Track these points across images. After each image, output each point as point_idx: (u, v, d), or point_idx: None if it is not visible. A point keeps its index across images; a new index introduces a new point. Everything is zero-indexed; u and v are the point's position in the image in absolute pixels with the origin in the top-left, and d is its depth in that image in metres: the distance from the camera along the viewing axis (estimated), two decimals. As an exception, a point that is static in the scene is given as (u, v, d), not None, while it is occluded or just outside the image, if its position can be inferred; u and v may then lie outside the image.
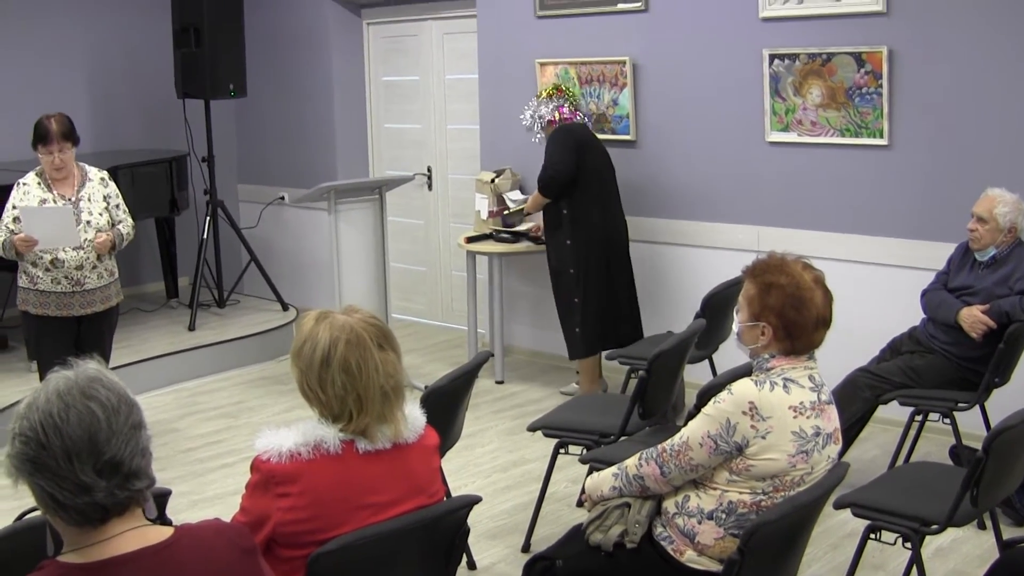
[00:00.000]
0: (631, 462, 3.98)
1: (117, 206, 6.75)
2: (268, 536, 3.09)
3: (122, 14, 10.63)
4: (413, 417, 3.36)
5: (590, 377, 8.02)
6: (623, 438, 5.50)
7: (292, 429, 3.18)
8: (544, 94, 8.11)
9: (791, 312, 3.75)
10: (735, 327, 3.96)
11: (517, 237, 8.60)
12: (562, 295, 7.99)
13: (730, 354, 4.50)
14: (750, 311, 3.85)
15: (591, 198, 7.79)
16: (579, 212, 7.80)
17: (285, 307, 10.24)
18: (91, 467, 2.25)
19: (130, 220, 6.83)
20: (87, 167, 6.73)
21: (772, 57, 7.53)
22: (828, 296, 3.83)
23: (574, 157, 7.71)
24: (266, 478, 3.12)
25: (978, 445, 4.30)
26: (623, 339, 7.75)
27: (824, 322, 3.80)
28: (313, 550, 3.11)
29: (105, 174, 6.81)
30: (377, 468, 3.22)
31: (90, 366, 2.39)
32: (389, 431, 3.23)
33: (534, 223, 8.47)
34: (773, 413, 3.64)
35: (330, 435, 3.17)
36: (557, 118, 7.96)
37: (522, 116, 8.17)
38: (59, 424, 2.25)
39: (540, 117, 8.01)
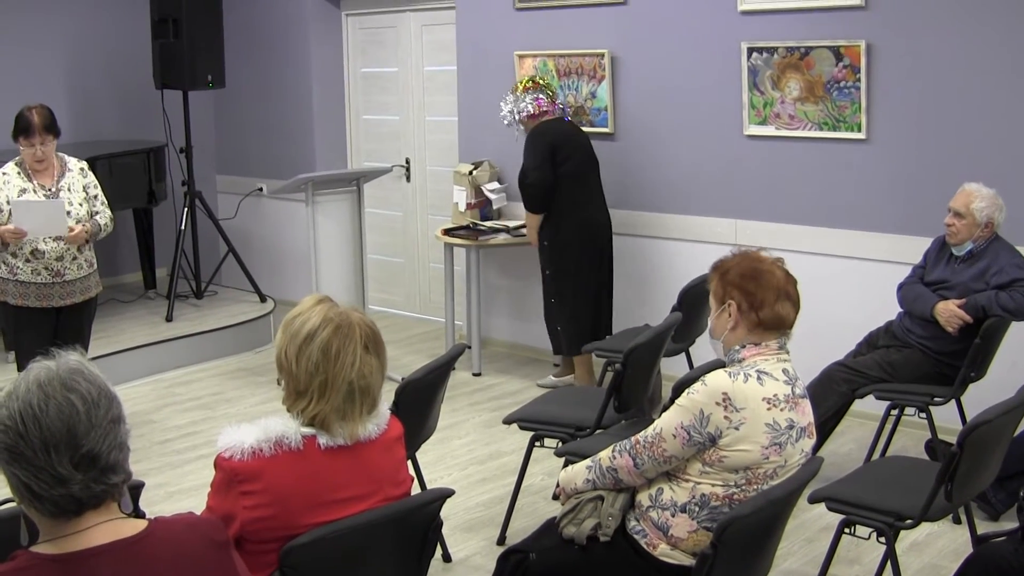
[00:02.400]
0: (605, 454, 3.98)
1: (95, 197, 6.73)
2: (236, 535, 3.08)
3: (100, 5, 10.60)
4: (378, 412, 3.34)
5: (586, 368, 7.98)
6: (599, 431, 5.50)
7: (254, 425, 3.17)
8: (520, 88, 8.00)
9: (750, 284, 3.81)
10: (709, 326, 4.00)
11: (495, 230, 8.61)
12: (545, 294, 8.07)
13: (707, 347, 4.52)
14: (716, 299, 3.91)
15: (568, 198, 7.80)
16: (555, 214, 7.85)
17: (263, 298, 10.22)
18: (68, 459, 2.25)
19: (108, 211, 6.82)
20: (66, 157, 6.71)
21: (750, 50, 7.54)
22: (790, 277, 3.89)
23: (550, 163, 7.73)
24: (229, 477, 3.11)
25: (954, 439, 4.31)
26: (599, 337, 7.77)
27: (787, 295, 3.83)
28: (281, 545, 3.11)
29: (84, 164, 6.79)
30: (340, 464, 3.21)
31: (72, 357, 2.38)
32: (346, 430, 3.22)
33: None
34: (747, 404, 3.65)
35: (291, 430, 3.16)
36: (536, 111, 7.88)
37: (501, 113, 8.13)
38: (38, 415, 2.24)
39: (519, 111, 7.92)
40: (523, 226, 8.29)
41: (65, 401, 2.27)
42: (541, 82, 8.08)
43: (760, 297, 3.80)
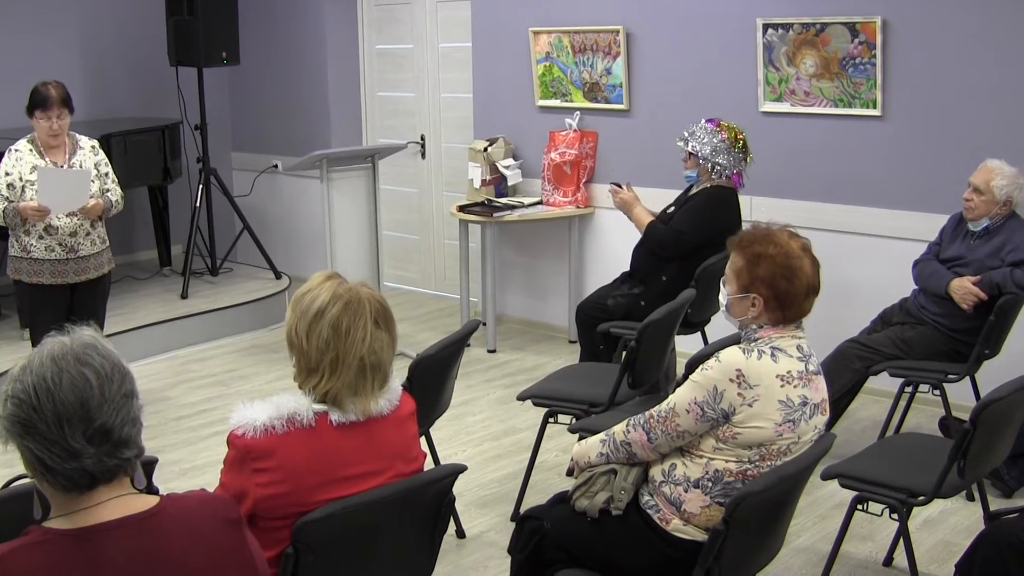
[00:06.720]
0: (619, 428, 3.98)
1: (106, 174, 6.74)
2: (249, 511, 3.09)
3: (115, -19, 10.60)
4: (390, 388, 3.35)
5: None
6: (613, 407, 5.50)
7: (266, 403, 3.18)
8: (732, 138, 6.88)
9: (782, 282, 3.75)
10: (723, 299, 3.96)
11: (510, 206, 8.60)
12: None
13: (721, 324, 4.52)
14: (739, 283, 3.84)
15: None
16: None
17: (278, 275, 10.23)
18: (81, 433, 2.26)
19: (119, 189, 6.83)
20: (77, 135, 6.72)
21: (766, 27, 7.52)
22: (815, 263, 3.84)
23: (703, 235, 6.75)
24: (242, 454, 3.12)
25: (968, 417, 4.31)
26: None
27: (814, 289, 3.81)
28: (294, 521, 3.12)
29: (95, 142, 6.80)
30: (351, 441, 3.22)
31: (86, 332, 2.40)
32: (358, 405, 3.23)
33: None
34: (760, 381, 3.65)
35: (303, 407, 3.17)
36: (732, 182, 6.95)
37: (698, 135, 6.97)
38: (52, 388, 2.26)
39: (720, 164, 6.86)
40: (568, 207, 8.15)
41: (79, 375, 2.29)
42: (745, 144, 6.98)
43: (791, 296, 3.77)
